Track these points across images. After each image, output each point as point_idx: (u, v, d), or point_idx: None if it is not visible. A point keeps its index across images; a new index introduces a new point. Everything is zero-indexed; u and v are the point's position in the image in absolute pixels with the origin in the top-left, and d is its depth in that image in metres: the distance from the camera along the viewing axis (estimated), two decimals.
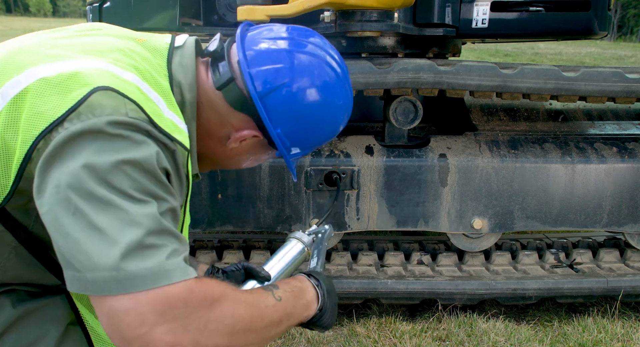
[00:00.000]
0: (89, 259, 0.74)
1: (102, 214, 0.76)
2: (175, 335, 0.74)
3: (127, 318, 0.73)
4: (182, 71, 0.99)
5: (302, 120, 1.03)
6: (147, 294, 0.74)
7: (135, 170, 0.80)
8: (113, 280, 0.73)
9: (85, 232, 0.75)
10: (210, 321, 0.79)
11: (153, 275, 0.75)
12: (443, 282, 2.23)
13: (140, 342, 0.73)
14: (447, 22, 2.27)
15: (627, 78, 2.05)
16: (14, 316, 0.95)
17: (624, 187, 2.21)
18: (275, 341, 2.07)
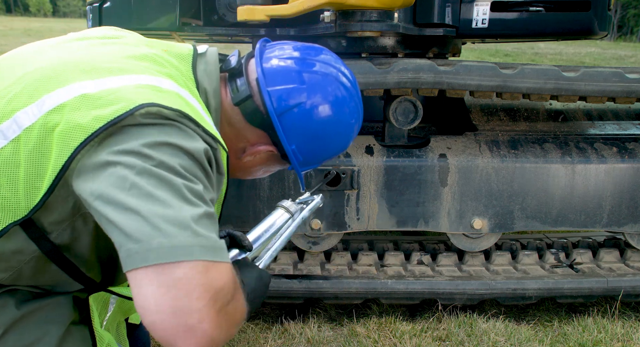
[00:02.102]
0: (153, 225, 0.72)
1: (160, 189, 0.76)
2: (222, 318, 0.75)
3: (187, 286, 0.71)
4: (207, 78, 1.02)
5: (316, 137, 1.07)
6: (208, 265, 0.73)
7: (187, 156, 0.82)
8: (178, 245, 0.72)
9: (144, 202, 0.74)
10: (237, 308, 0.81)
11: (213, 248, 0.75)
12: (443, 282, 2.23)
13: (196, 316, 0.71)
14: (447, 22, 2.27)
15: (627, 78, 2.05)
16: (17, 315, 0.95)
17: (624, 187, 2.21)
18: (275, 341, 2.07)
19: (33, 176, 0.84)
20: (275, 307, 2.43)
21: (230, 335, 0.80)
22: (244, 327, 2.17)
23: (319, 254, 2.41)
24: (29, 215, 0.86)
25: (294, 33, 2.34)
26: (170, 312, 0.70)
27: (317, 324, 2.20)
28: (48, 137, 0.83)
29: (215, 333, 0.74)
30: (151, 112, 0.82)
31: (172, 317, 0.70)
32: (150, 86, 0.89)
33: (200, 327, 0.71)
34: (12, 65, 0.96)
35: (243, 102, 1.04)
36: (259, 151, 1.09)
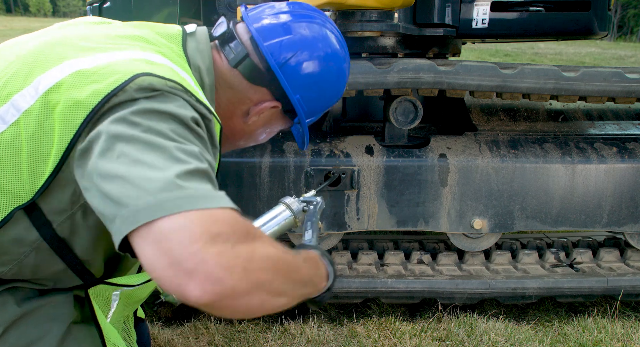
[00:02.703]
0: (139, 187, 0.72)
1: (147, 153, 0.75)
2: (227, 258, 0.69)
3: (178, 236, 0.69)
4: (199, 56, 1.04)
5: (316, 83, 1.11)
6: (197, 213, 0.71)
7: (177, 122, 0.82)
8: (164, 200, 0.70)
9: (132, 168, 0.74)
10: (256, 252, 0.74)
11: (203, 196, 0.73)
12: (443, 282, 2.23)
13: (193, 260, 0.67)
14: (447, 22, 2.27)
15: (627, 78, 2.05)
16: (18, 313, 0.95)
17: (624, 187, 2.21)
18: (275, 341, 2.08)
19: (36, 159, 0.84)
20: None
21: (261, 281, 0.73)
22: (244, 327, 2.18)
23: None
24: (33, 198, 0.86)
25: None
26: (167, 264, 0.68)
27: (317, 324, 2.20)
28: (49, 118, 0.83)
29: (224, 275, 0.68)
30: (143, 87, 0.83)
31: (171, 267, 0.68)
32: (144, 59, 0.90)
33: (202, 269, 0.68)
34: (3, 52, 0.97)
35: (241, 62, 1.06)
36: (264, 109, 1.11)
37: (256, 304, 0.74)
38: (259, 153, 2.16)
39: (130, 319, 1.28)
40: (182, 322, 2.24)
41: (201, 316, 2.29)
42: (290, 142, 2.20)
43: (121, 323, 1.20)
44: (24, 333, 0.95)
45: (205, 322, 2.20)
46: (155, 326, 2.19)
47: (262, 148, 2.17)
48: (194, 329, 2.17)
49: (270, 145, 2.18)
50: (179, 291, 0.69)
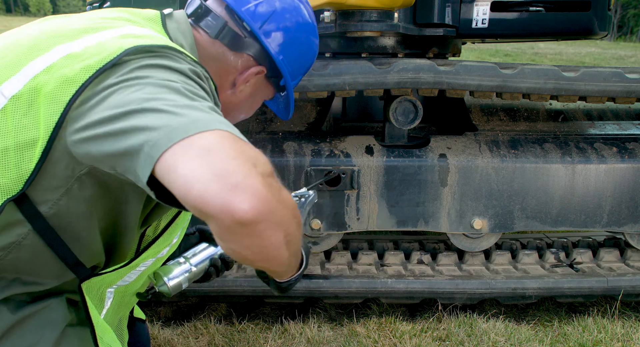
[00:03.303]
0: (169, 113, 0.70)
1: (161, 93, 0.75)
2: (267, 181, 0.68)
3: (220, 151, 0.66)
4: (181, 35, 1.06)
5: (294, 41, 1.15)
6: (232, 135, 0.69)
7: (179, 74, 0.83)
8: (197, 119, 0.69)
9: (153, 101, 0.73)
10: (282, 189, 0.74)
11: (232, 126, 0.73)
12: (443, 282, 2.23)
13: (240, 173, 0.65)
14: (447, 22, 2.27)
15: (627, 78, 2.05)
16: (12, 320, 0.94)
17: (624, 187, 2.21)
18: (275, 341, 2.08)
19: (24, 144, 0.83)
20: (275, 307, 2.43)
21: (283, 213, 0.72)
22: (244, 327, 2.18)
23: (319, 254, 2.41)
24: (23, 189, 0.84)
25: None
26: (211, 178, 0.65)
27: (317, 324, 2.20)
28: (35, 102, 0.83)
29: (265, 192, 0.66)
30: (138, 49, 0.84)
31: (215, 182, 0.65)
32: (132, 34, 0.91)
33: (248, 183, 0.65)
34: None
35: (221, 31, 1.09)
36: (250, 75, 1.12)
37: (275, 243, 0.73)
38: None
39: (124, 320, 1.28)
40: (182, 322, 2.24)
41: (201, 316, 2.29)
42: (290, 142, 2.20)
43: (115, 323, 1.20)
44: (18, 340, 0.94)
45: (205, 322, 2.20)
46: (155, 326, 2.18)
47: (262, 148, 2.17)
48: (194, 329, 2.17)
49: (270, 145, 2.18)
50: (224, 206, 0.65)
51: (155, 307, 2.42)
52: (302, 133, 2.31)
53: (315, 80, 1.96)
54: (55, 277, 0.99)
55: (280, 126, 2.33)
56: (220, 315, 2.33)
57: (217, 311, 2.39)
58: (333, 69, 1.96)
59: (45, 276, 0.99)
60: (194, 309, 2.43)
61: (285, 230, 0.74)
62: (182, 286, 1.16)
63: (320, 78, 1.96)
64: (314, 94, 2.04)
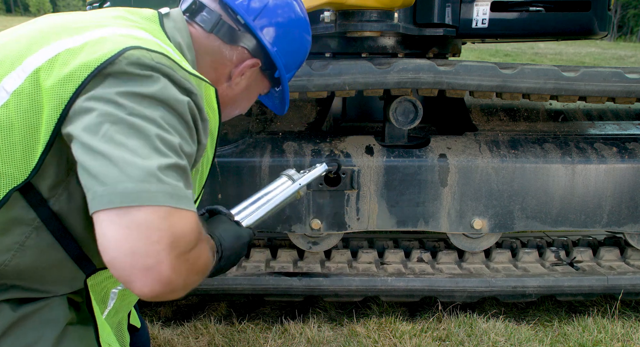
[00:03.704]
0: (121, 171, 0.75)
1: (131, 138, 0.78)
2: (180, 263, 0.76)
3: (147, 231, 0.73)
4: (179, 34, 1.08)
5: (287, 34, 1.17)
6: (169, 212, 0.75)
7: (165, 108, 0.85)
8: (143, 190, 0.74)
9: (115, 149, 0.77)
10: (200, 256, 0.83)
11: (178, 195, 0.77)
12: (443, 280, 2.23)
13: (153, 258, 0.73)
14: (447, 22, 2.27)
15: (627, 78, 2.05)
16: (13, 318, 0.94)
17: (624, 187, 2.21)
18: (275, 341, 2.08)
19: (28, 137, 0.86)
20: (275, 307, 2.43)
21: (190, 283, 0.81)
22: (244, 327, 2.18)
23: (319, 252, 2.42)
24: (28, 178, 0.87)
25: None
26: (128, 252, 0.73)
27: (317, 324, 2.20)
28: (38, 96, 0.85)
29: (173, 277, 0.75)
30: (132, 61, 0.85)
31: (130, 257, 0.73)
32: (130, 35, 0.93)
33: (157, 269, 0.73)
34: None
35: (216, 25, 1.11)
36: (245, 68, 1.15)
37: (179, 294, 0.81)
38: (259, 153, 2.16)
39: (124, 321, 1.28)
40: (182, 322, 2.24)
41: (201, 316, 2.29)
42: (290, 142, 2.21)
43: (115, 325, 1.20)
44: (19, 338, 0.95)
45: (205, 322, 2.20)
46: (155, 326, 2.19)
47: (262, 148, 2.17)
48: (194, 329, 2.17)
49: (270, 145, 2.18)
50: (127, 280, 0.74)
51: (155, 307, 2.42)
52: (302, 133, 2.31)
53: (315, 80, 1.96)
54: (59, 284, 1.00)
55: (280, 126, 2.33)
56: (220, 315, 2.33)
57: (217, 311, 2.39)
58: (333, 69, 1.96)
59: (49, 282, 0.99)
60: (194, 309, 2.43)
61: (200, 279, 0.85)
62: None
63: (320, 78, 1.96)
64: (314, 94, 2.04)
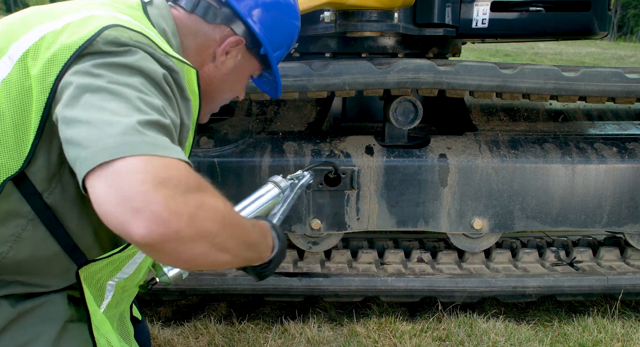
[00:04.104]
0: (100, 130, 0.75)
1: (110, 102, 0.78)
2: (175, 202, 0.72)
3: (130, 176, 0.72)
4: (163, 21, 1.08)
5: (270, 12, 1.16)
6: (153, 158, 0.74)
7: (143, 77, 0.85)
8: (123, 143, 0.73)
9: (95, 113, 0.77)
10: (206, 203, 0.77)
11: (162, 146, 0.76)
12: (443, 280, 2.23)
13: (141, 198, 0.70)
14: (447, 22, 2.27)
15: (627, 78, 2.05)
16: (12, 314, 0.95)
17: (624, 187, 2.21)
18: (275, 341, 2.08)
19: (20, 125, 0.87)
20: (275, 307, 2.43)
21: (204, 229, 0.76)
22: (244, 327, 2.18)
23: (318, 252, 2.42)
24: (21, 168, 0.88)
25: None
26: (116, 200, 0.71)
27: (317, 324, 2.20)
28: (27, 82, 0.87)
29: (169, 217, 0.71)
30: (109, 40, 0.86)
31: (121, 206, 0.71)
32: (111, 16, 0.94)
33: (149, 209, 0.70)
34: None
35: (197, 5, 1.12)
36: (229, 45, 1.14)
37: (199, 254, 0.77)
38: (259, 153, 2.16)
39: (126, 313, 1.28)
40: (182, 322, 2.24)
41: (201, 316, 2.29)
42: (290, 142, 2.21)
43: (116, 317, 1.20)
44: (19, 334, 0.95)
45: (205, 322, 2.20)
46: (155, 326, 2.19)
47: (262, 148, 2.17)
48: (194, 329, 2.17)
49: (270, 145, 2.18)
50: (124, 229, 0.71)
51: (155, 307, 2.42)
52: (302, 133, 2.31)
53: (315, 80, 1.96)
54: (56, 277, 1.00)
55: (280, 126, 2.33)
56: (220, 315, 2.33)
57: (217, 311, 2.39)
58: (333, 69, 1.96)
59: (46, 275, 0.99)
60: (194, 309, 2.43)
61: (210, 240, 0.77)
62: (182, 276, 1.18)
63: (320, 78, 1.96)
64: (314, 94, 2.04)
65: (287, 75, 1.94)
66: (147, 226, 0.70)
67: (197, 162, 2.13)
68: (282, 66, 1.95)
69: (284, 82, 1.94)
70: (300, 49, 2.48)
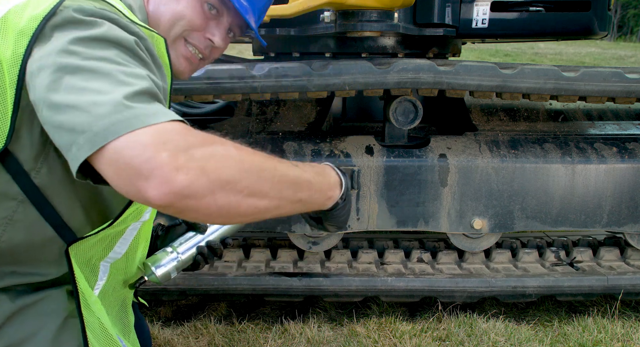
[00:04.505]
0: (90, 113, 0.75)
1: (92, 80, 0.78)
2: (180, 159, 0.73)
3: (131, 151, 0.73)
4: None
5: None
6: (148, 128, 0.74)
7: (116, 47, 0.85)
8: (115, 122, 0.74)
9: (80, 96, 0.77)
10: (215, 153, 0.77)
11: (153, 113, 0.76)
12: (443, 280, 2.23)
13: (147, 165, 0.72)
14: (447, 22, 2.27)
15: (627, 78, 2.05)
16: (12, 309, 0.95)
17: (624, 187, 2.21)
18: (275, 341, 2.08)
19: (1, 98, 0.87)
20: (275, 307, 2.43)
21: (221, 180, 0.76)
22: (244, 327, 2.18)
23: (318, 252, 2.41)
24: (5, 145, 0.88)
25: (294, 33, 2.34)
26: (127, 178, 0.73)
27: (317, 324, 2.20)
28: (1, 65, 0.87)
29: (179, 175, 0.72)
30: (75, 8, 0.86)
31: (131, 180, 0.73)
32: None
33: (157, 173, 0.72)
34: None
35: None
36: None
37: (226, 204, 0.77)
38: None
39: (128, 301, 1.27)
40: (182, 322, 2.24)
41: (201, 316, 2.29)
42: (290, 142, 2.21)
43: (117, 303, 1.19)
44: (19, 328, 0.96)
45: (205, 322, 2.20)
46: (155, 326, 2.19)
47: (262, 148, 2.17)
48: (194, 329, 2.17)
49: (270, 145, 2.18)
50: (144, 199, 0.73)
51: (155, 307, 2.42)
52: (302, 133, 2.31)
53: (315, 80, 1.96)
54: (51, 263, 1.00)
55: (280, 126, 2.33)
56: (220, 315, 2.33)
57: (217, 311, 2.39)
58: (333, 69, 1.96)
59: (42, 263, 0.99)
60: (194, 309, 2.43)
61: (232, 187, 0.77)
62: (170, 275, 1.20)
63: (320, 78, 1.96)
64: (314, 94, 2.04)
65: (287, 75, 1.94)
66: (158, 188, 0.72)
67: None
68: (282, 66, 1.96)
69: (284, 82, 1.95)
70: (300, 49, 2.48)
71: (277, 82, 1.95)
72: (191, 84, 1.92)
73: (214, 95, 2.01)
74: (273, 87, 1.95)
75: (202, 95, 1.97)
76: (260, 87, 1.94)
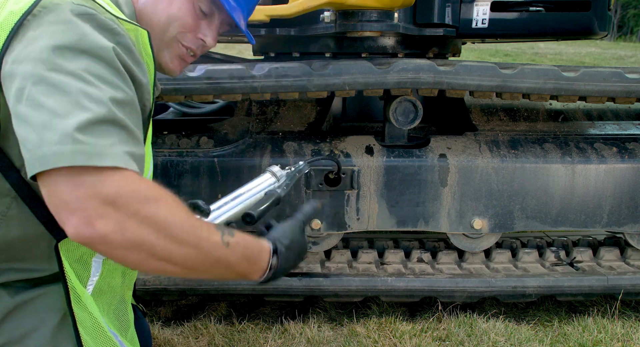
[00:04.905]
0: (39, 134, 0.78)
1: (51, 97, 0.80)
2: (108, 209, 0.77)
3: (65, 185, 0.77)
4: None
5: None
6: (87, 168, 0.77)
7: (89, 58, 0.85)
8: (59, 153, 0.76)
9: (35, 112, 0.79)
10: (141, 213, 0.80)
11: (98, 154, 0.78)
12: (443, 280, 2.23)
13: (75, 205, 0.77)
14: (447, 22, 2.27)
15: (627, 78, 2.05)
16: (11, 305, 0.96)
17: (624, 187, 2.21)
18: (275, 341, 2.08)
19: None
20: (275, 307, 2.43)
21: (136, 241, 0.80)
22: (244, 327, 2.18)
23: (318, 252, 2.42)
24: None
25: (294, 33, 2.34)
26: (55, 205, 0.79)
27: (317, 324, 2.20)
28: None
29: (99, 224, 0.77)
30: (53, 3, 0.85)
31: (58, 206, 0.79)
32: None
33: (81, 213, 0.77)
34: None
35: None
36: None
37: (134, 260, 0.82)
38: (259, 153, 2.16)
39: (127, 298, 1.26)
40: (182, 322, 2.24)
41: (201, 316, 2.29)
42: (290, 142, 2.20)
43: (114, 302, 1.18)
44: (18, 324, 0.96)
45: (205, 322, 2.20)
46: (155, 326, 2.19)
47: (262, 148, 2.17)
48: (194, 329, 2.17)
49: (270, 145, 2.18)
50: (63, 227, 0.79)
51: (155, 307, 2.42)
52: (302, 133, 2.31)
53: (315, 80, 1.96)
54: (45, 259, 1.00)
55: (280, 126, 2.33)
56: (220, 315, 2.33)
57: (217, 311, 2.39)
58: (333, 69, 1.96)
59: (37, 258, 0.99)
60: (194, 309, 2.43)
61: (146, 250, 0.82)
62: None
63: (320, 78, 1.96)
64: (314, 94, 2.04)
65: (287, 75, 1.94)
66: (78, 228, 0.78)
67: (197, 162, 2.13)
68: (282, 66, 1.96)
69: (284, 82, 1.95)
70: (300, 49, 2.48)
71: (277, 82, 1.95)
72: (191, 84, 1.92)
73: (214, 95, 2.01)
74: (273, 87, 1.95)
75: (202, 95, 1.97)
76: (260, 87, 1.95)
